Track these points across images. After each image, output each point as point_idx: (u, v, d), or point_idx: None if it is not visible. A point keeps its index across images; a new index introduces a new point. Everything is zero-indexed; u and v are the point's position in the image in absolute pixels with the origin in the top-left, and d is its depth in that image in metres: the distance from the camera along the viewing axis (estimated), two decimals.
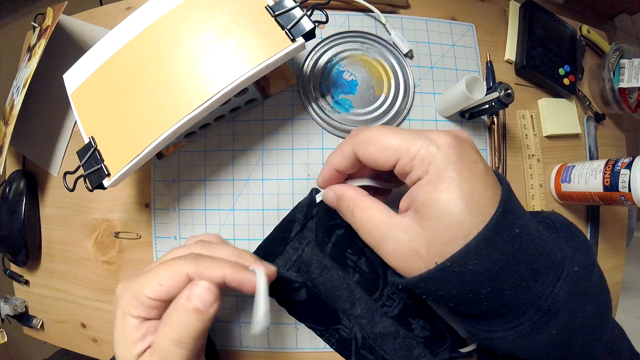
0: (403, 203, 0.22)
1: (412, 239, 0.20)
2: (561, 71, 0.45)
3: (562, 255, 0.20)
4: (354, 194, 0.24)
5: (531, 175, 0.43)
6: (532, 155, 0.43)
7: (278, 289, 0.33)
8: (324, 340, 0.35)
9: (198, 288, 0.21)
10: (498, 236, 0.18)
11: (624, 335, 0.23)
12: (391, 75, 0.41)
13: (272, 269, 0.26)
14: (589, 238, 0.45)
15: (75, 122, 0.41)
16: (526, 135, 0.44)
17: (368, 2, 0.41)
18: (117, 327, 0.22)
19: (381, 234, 0.21)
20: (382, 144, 0.21)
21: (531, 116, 0.44)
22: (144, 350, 0.22)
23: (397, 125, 0.40)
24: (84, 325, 0.41)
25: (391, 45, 0.42)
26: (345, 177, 0.27)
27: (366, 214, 0.22)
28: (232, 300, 0.37)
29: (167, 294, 0.21)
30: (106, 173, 0.29)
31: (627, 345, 0.23)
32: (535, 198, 0.43)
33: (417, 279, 0.20)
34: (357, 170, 0.26)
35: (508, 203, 0.19)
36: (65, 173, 0.30)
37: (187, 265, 0.22)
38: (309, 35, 0.30)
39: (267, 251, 0.34)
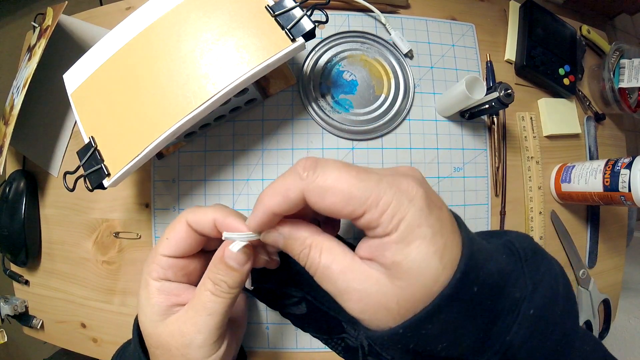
0: (363, 251, 0.19)
1: (381, 293, 0.17)
2: (561, 71, 0.45)
3: (521, 294, 0.19)
4: (307, 232, 0.20)
5: (530, 177, 0.43)
6: (531, 157, 0.43)
7: (279, 304, 0.33)
8: (331, 349, 0.35)
9: (232, 247, 0.22)
10: (461, 293, 0.17)
11: (597, 346, 0.22)
12: (391, 75, 0.41)
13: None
14: (588, 238, 0.45)
15: (75, 122, 0.41)
16: (525, 137, 0.44)
17: (368, 2, 0.41)
18: (141, 294, 0.24)
19: (346, 284, 0.18)
20: (345, 194, 0.17)
21: (530, 118, 0.44)
22: (168, 310, 0.23)
23: (397, 126, 0.40)
24: (84, 325, 0.41)
25: (391, 45, 0.42)
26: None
27: (326, 257, 0.19)
28: None
29: (175, 246, 0.24)
30: (106, 173, 0.29)
31: (602, 356, 0.22)
32: (533, 200, 0.43)
33: (387, 333, 0.18)
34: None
35: (469, 260, 0.17)
36: (65, 173, 0.30)
37: (185, 215, 0.24)
38: (309, 35, 0.30)
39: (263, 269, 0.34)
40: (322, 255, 0.19)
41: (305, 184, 0.18)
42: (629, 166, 0.35)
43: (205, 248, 0.26)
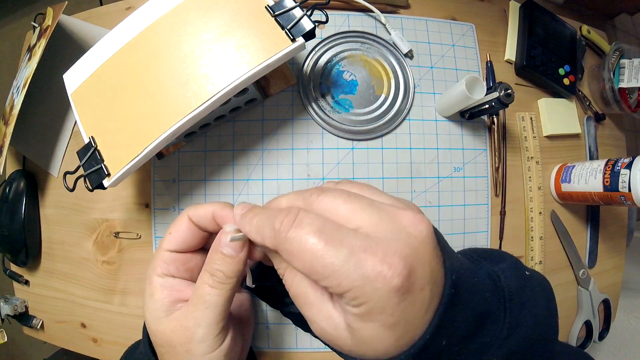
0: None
1: (339, 338, 0.18)
2: (561, 71, 0.45)
3: (491, 339, 0.18)
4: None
5: (530, 177, 0.43)
6: (531, 157, 0.43)
7: (280, 302, 0.33)
8: (331, 349, 0.35)
9: (225, 236, 0.22)
10: (423, 355, 0.17)
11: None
12: (391, 75, 0.41)
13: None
14: (588, 238, 0.45)
15: (75, 122, 0.41)
16: (525, 137, 0.44)
17: (368, 2, 0.41)
18: (146, 291, 0.24)
19: (310, 315, 0.19)
20: (307, 265, 0.17)
21: (530, 118, 0.44)
22: (172, 306, 0.23)
23: (397, 126, 0.40)
24: (84, 325, 0.41)
25: (391, 45, 0.42)
26: None
27: (297, 286, 0.19)
28: None
29: (177, 240, 0.24)
30: (106, 173, 0.29)
31: None
32: (533, 200, 0.43)
33: None
34: None
35: (437, 328, 0.17)
36: (65, 173, 0.30)
37: (186, 211, 0.24)
38: (309, 35, 0.30)
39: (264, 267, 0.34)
40: (294, 281, 0.19)
41: (278, 243, 0.18)
42: (629, 166, 0.35)
43: (207, 246, 0.26)
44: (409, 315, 0.16)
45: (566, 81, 0.45)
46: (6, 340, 0.42)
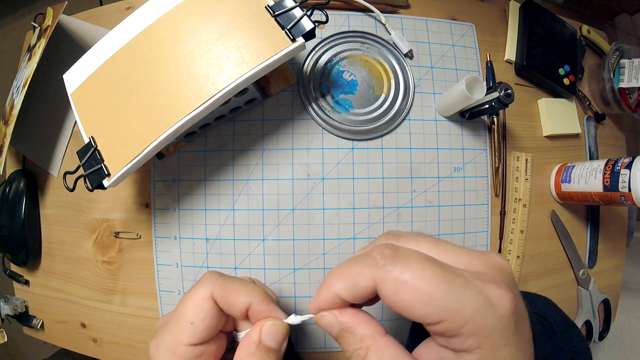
0: (428, 354, 0.17)
1: None
2: (561, 71, 0.45)
3: None
4: (369, 330, 0.17)
5: (514, 219, 0.41)
6: (519, 199, 0.42)
7: None
8: None
9: (268, 326, 0.20)
10: None
11: None
12: (391, 75, 0.41)
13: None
14: (588, 238, 0.45)
15: (75, 122, 0.41)
16: (517, 178, 0.42)
17: (368, 2, 0.41)
18: None
19: None
20: (423, 293, 0.15)
21: (526, 160, 0.43)
22: None
23: (397, 126, 0.40)
24: (84, 325, 0.41)
25: (391, 45, 0.42)
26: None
27: (390, 354, 0.17)
28: None
29: (204, 331, 0.19)
30: (106, 173, 0.29)
31: None
32: (513, 243, 0.41)
33: None
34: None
35: None
36: (65, 173, 0.30)
37: (210, 287, 0.20)
38: (309, 35, 0.30)
39: None
40: (385, 355, 0.16)
41: (380, 273, 0.16)
42: (629, 166, 0.35)
43: (223, 328, 0.22)
44: (525, 343, 0.16)
45: (566, 81, 0.45)
46: (6, 340, 0.42)
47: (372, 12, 0.42)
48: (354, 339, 0.17)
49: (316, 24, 0.30)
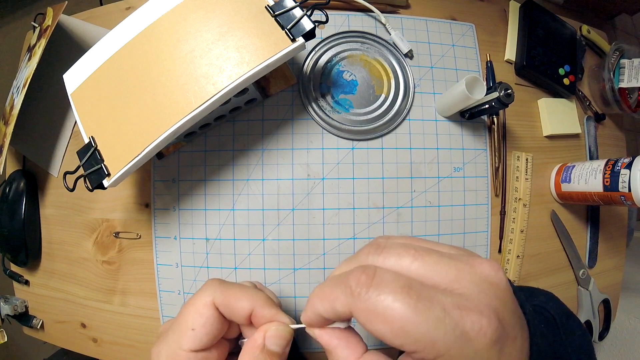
0: None
1: None
2: (561, 71, 0.45)
3: None
4: (345, 353, 0.18)
5: (514, 219, 0.42)
6: (519, 199, 0.42)
7: None
8: None
9: (272, 331, 0.20)
10: None
11: None
12: (391, 75, 0.41)
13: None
14: (588, 238, 0.45)
15: (75, 122, 0.41)
16: (517, 178, 0.42)
17: (368, 2, 0.41)
18: None
19: None
20: (395, 326, 0.15)
21: (526, 160, 0.43)
22: None
23: (397, 126, 0.40)
24: (84, 325, 0.41)
25: (391, 45, 0.42)
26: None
27: None
28: None
29: (205, 337, 0.20)
30: (106, 173, 0.29)
31: None
32: (513, 242, 0.41)
33: None
34: None
35: None
36: (65, 173, 0.30)
37: (212, 294, 0.20)
38: (309, 35, 0.30)
39: None
40: None
41: (355, 302, 0.16)
42: (629, 166, 0.35)
43: (226, 335, 0.23)
44: None
45: (566, 81, 0.45)
46: (6, 340, 0.42)
47: (372, 12, 0.42)
48: (334, 359, 0.18)
49: (316, 23, 0.30)
